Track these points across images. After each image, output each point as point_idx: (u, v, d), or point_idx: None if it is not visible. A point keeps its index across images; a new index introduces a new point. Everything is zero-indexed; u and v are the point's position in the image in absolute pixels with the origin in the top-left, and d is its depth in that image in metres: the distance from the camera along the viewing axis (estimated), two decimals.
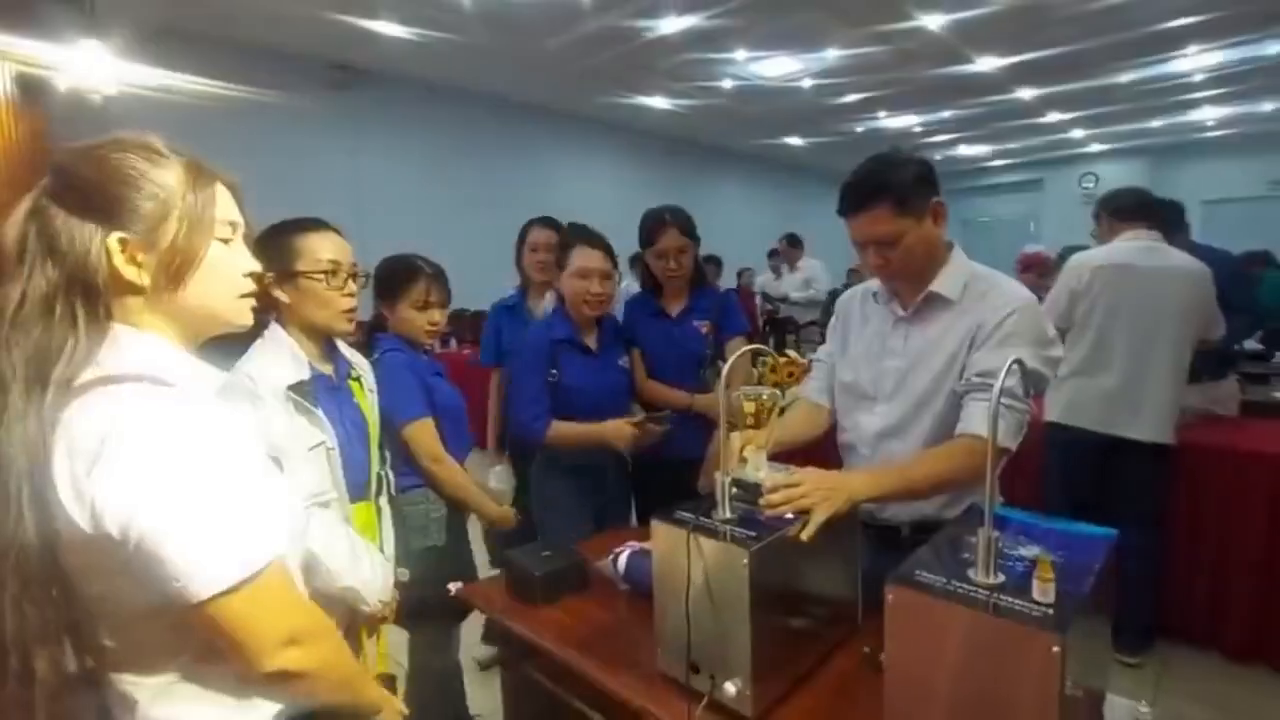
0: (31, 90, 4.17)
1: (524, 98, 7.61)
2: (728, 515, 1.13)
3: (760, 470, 1.24)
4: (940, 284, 1.40)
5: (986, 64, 6.53)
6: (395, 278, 1.79)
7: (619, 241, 2.15)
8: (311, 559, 1.23)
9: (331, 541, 1.27)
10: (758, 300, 7.39)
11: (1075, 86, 7.36)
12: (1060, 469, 2.58)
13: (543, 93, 7.46)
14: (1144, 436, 2.41)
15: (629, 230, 2.27)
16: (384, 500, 1.59)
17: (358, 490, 1.46)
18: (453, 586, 1.63)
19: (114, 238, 0.76)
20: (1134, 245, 2.49)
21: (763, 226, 9.81)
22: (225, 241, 0.85)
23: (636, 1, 5.09)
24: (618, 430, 1.89)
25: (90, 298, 0.76)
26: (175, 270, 0.80)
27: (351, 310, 1.42)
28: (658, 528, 1.15)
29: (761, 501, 1.15)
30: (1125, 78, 7.07)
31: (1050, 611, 0.83)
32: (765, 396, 1.27)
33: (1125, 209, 2.57)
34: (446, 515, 1.79)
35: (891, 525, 1.46)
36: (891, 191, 1.32)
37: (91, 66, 3.85)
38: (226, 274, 0.85)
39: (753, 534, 1.07)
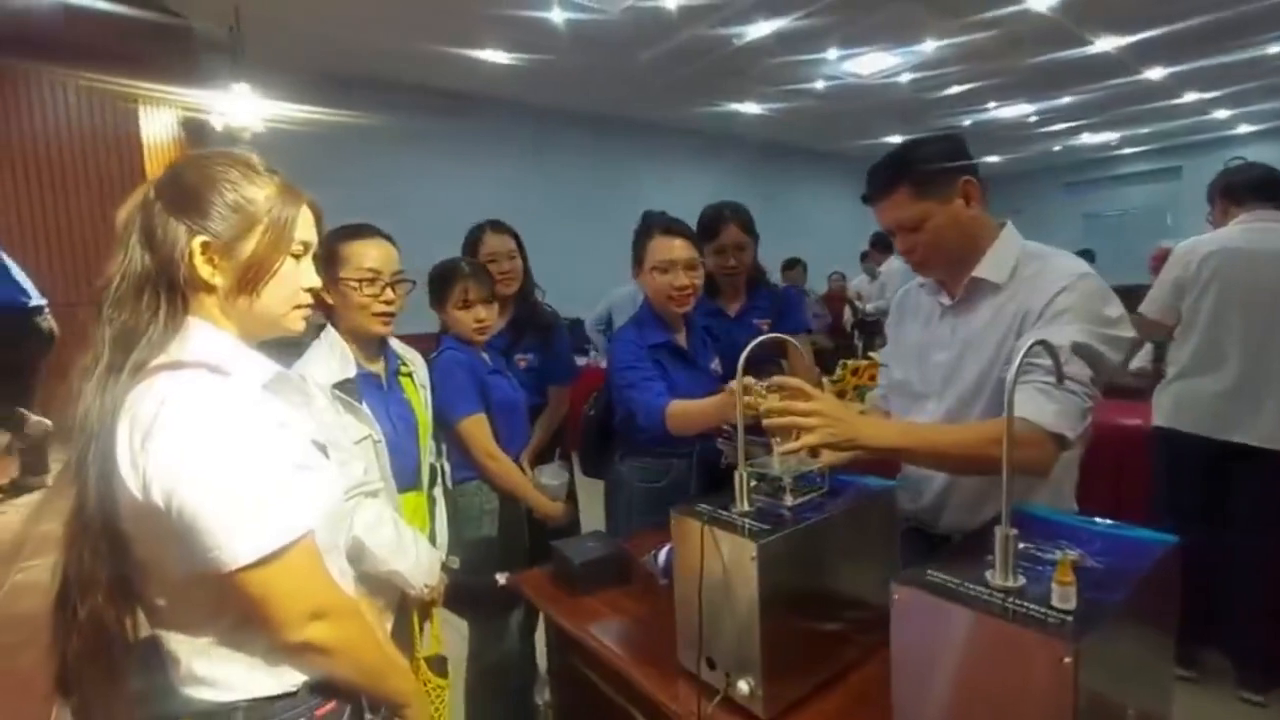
0: (195, 131, 4.97)
1: (618, 112, 7.78)
2: (746, 508, 1.11)
3: (786, 464, 1.21)
4: (984, 268, 1.30)
5: (1107, 44, 6.04)
6: (437, 281, 1.87)
7: None
8: (358, 544, 1.31)
9: (378, 528, 1.35)
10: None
11: (1214, 62, 6.66)
12: (1168, 478, 2.33)
13: (636, 106, 7.59)
14: (1264, 443, 2.13)
15: None
16: (438, 491, 1.67)
17: (407, 480, 1.53)
18: (501, 577, 1.68)
19: (197, 240, 0.85)
20: (1250, 228, 2.22)
21: (857, 229, 9.51)
22: (296, 257, 0.94)
23: (725, 9, 5.08)
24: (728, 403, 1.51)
25: (172, 290, 0.86)
26: (250, 277, 0.89)
27: (385, 315, 1.49)
28: (677, 520, 1.15)
29: (763, 407, 1.15)
30: (1275, 48, 6.32)
31: (1068, 618, 0.76)
32: None
33: (1240, 187, 2.29)
34: (500, 507, 1.85)
35: (944, 535, 1.38)
36: (909, 174, 1.26)
37: (242, 107, 4.46)
38: (290, 286, 0.93)
39: (766, 527, 1.04)
